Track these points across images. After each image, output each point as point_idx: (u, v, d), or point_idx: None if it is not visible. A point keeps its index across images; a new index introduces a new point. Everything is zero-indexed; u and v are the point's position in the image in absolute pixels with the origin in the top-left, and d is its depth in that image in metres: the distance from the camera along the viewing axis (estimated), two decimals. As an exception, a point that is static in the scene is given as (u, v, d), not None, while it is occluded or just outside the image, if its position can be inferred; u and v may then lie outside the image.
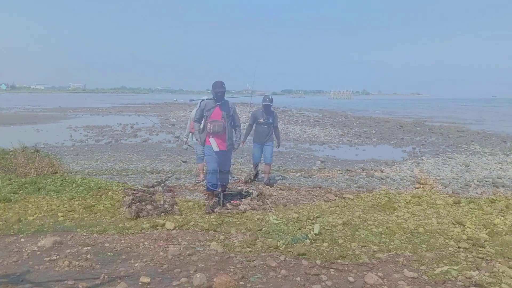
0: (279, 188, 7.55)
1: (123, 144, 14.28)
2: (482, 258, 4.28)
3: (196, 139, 6.72)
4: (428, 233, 5.05)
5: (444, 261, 4.20)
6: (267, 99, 7.56)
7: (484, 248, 4.55)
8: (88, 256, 4.31)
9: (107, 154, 11.87)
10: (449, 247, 4.62)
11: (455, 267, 4.00)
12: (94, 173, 8.83)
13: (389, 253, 4.40)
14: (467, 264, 4.12)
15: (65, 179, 8.23)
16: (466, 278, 3.75)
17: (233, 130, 6.25)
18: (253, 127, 7.73)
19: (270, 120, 7.58)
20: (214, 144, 6.03)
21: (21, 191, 7.06)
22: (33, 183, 7.65)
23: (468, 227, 5.24)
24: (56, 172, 8.85)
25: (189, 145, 8.35)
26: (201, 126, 6.15)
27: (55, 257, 4.25)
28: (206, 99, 6.37)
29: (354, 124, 23.93)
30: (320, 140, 15.95)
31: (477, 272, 3.87)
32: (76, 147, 13.35)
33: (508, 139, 16.60)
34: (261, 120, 7.59)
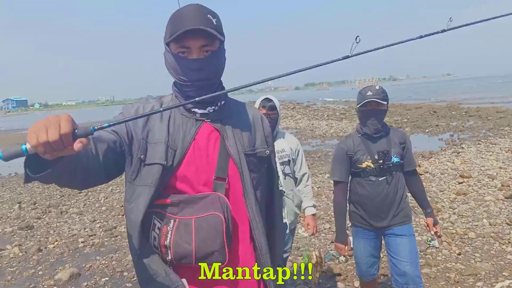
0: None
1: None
2: (550, 267, 3.66)
3: None
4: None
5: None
6: (370, 92, 2.58)
7: (550, 254, 3.92)
8: (105, 289, 4.03)
9: (132, 167, 11.74)
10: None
11: (519, 282, 3.41)
12: (118, 190, 8.63)
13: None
14: (532, 276, 3.53)
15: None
16: (535, 296, 3.17)
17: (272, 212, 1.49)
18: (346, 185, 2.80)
19: (395, 159, 2.64)
20: None
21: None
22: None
23: (526, 227, 4.60)
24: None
25: None
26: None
27: (71, 292, 4.00)
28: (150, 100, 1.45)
29: (383, 113, 22.89)
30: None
31: (547, 287, 3.28)
32: (102, 163, 13.34)
33: (554, 117, 15.34)
34: (368, 164, 2.65)
